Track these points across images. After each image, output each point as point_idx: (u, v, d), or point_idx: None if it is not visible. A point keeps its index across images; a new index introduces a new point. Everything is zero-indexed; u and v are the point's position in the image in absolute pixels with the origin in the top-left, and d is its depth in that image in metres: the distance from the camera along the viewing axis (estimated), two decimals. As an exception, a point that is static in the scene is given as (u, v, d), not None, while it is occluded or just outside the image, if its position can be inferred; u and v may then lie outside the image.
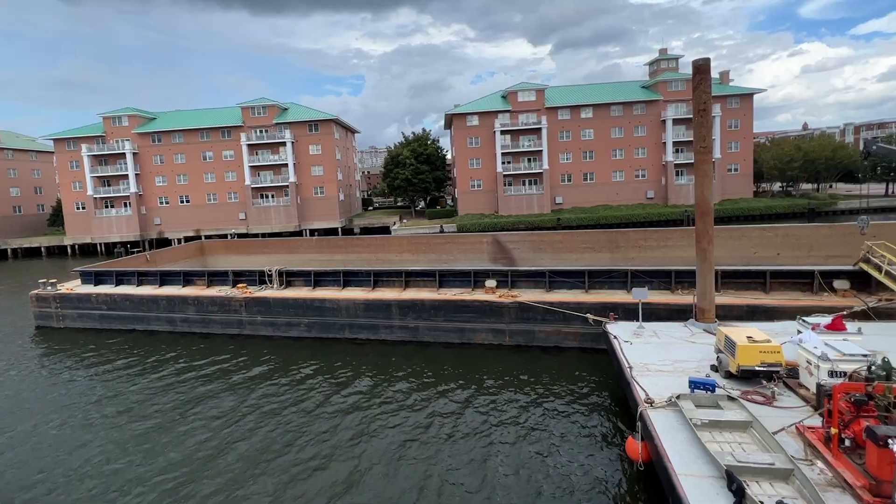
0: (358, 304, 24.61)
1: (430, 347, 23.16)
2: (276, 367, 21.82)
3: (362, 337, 24.67)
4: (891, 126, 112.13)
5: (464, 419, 16.19)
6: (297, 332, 25.72)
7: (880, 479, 8.42)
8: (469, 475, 13.16)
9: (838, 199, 70.64)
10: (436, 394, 18.24)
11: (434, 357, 22.00)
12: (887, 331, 16.01)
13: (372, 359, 22.13)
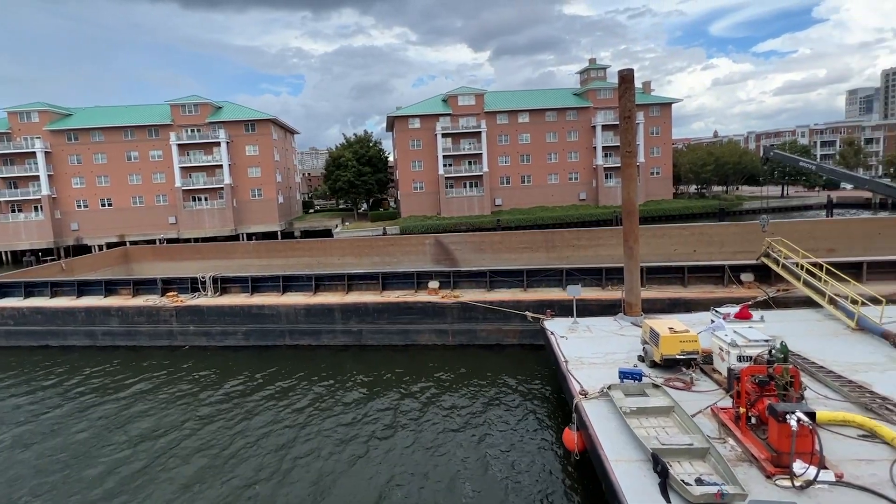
0: (299, 309, 23.89)
1: (375, 350, 22.93)
2: (211, 379, 20.70)
3: (304, 343, 23.96)
4: (785, 135, 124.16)
5: (409, 419, 16.19)
6: (234, 340, 24.55)
7: (780, 451, 9.29)
8: (417, 472, 13.21)
9: (743, 200, 77.28)
10: (381, 396, 18.10)
11: (378, 360, 21.79)
12: (785, 317, 17.76)
13: (315, 365, 21.55)
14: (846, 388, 12.12)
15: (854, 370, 13.15)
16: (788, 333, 15.15)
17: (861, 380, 12.55)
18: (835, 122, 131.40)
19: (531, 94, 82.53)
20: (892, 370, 13.18)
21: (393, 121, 75.00)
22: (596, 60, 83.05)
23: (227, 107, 73.43)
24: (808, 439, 9.03)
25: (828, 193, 76.44)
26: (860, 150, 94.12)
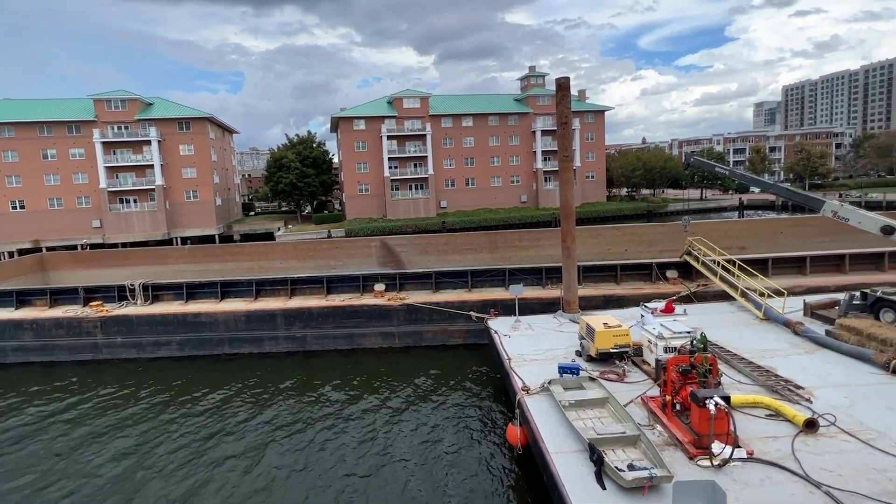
0: (238, 316, 22.85)
1: (319, 356, 22.35)
2: (141, 394, 19.30)
3: (244, 351, 22.92)
4: (703, 142, 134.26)
5: (355, 423, 15.94)
6: (168, 351, 23.06)
7: (701, 434, 10.03)
8: (363, 474, 13.04)
9: (668, 202, 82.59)
10: (326, 402, 17.70)
11: (323, 365, 21.29)
12: (704, 310, 19.17)
13: (256, 373, 20.68)
14: (755, 372, 13.26)
15: (762, 356, 14.43)
16: (707, 325, 16.37)
17: (768, 365, 13.79)
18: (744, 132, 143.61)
19: (475, 98, 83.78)
20: (793, 355, 14.58)
21: (337, 122, 73.50)
22: (535, 68, 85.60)
23: (158, 103, 68.84)
24: (724, 422, 9.81)
25: (739, 196, 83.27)
26: (766, 157, 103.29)
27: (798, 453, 9.69)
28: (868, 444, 9.85)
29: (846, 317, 15.69)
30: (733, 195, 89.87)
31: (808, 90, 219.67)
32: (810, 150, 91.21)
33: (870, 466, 9.18)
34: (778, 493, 8.63)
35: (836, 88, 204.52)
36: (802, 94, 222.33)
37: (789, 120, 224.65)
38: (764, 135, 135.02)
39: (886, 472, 8.97)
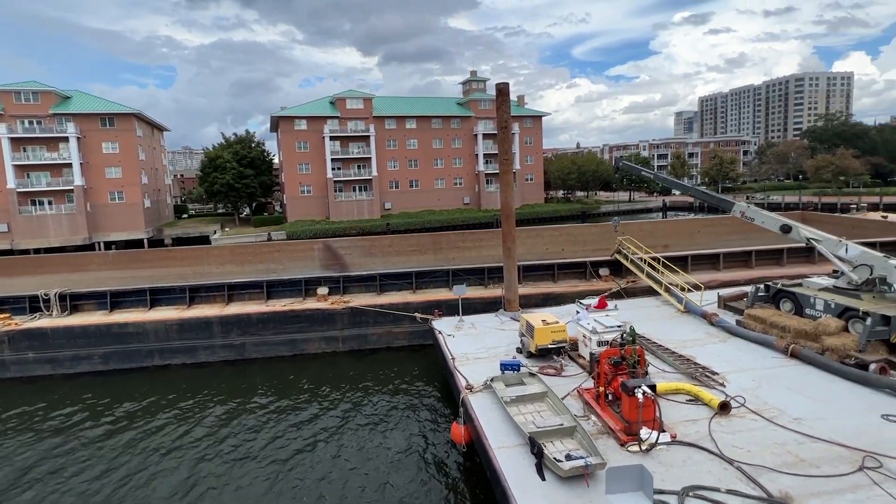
0: (170, 325, 21.42)
1: (259, 364, 21.42)
2: (53, 413, 17.54)
3: (177, 362, 21.49)
4: (631, 148, 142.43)
5: (298, 430, 15.44)
6: (89, 365, 21.14)
7: (631, 421, 10.60)
8: (308, 480, 12.64)
9: (601, 203, 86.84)
10: (267, 409, 17.00)
11: (263, 373, 20.43)
12: (633, 305, 20.33)
13: (190, 385, 19.46)
14: (677, 361, 14.23)
15: (683, 346, 15.50)
16: (636, 318, 17.34)
17: (688, 353, 14.83)
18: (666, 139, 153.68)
19: (418, 100, 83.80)
20: (709, 344, 15.78)
21: (278, 121, 70.83)
22: (477, 73, 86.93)
23: (77, 97, 63.08)
24: (651, 409, 10.44)
25: (663, 198, 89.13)
26: (685, 162, 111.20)
27: (714, 434, 10.49)
28: (771, 422, 10.85)
29: (753, 307, 17.19)
30: (657, 197, 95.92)
31: (720, 102, 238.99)
32: (722, 156, 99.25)
33: (773, 441, 10.11)
34: (698, 472, 9.30)
35: (743, 101, 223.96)
36: (715, 105, 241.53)
37: (705, 128, 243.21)
38: (683, 141, 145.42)
39: (786, 446, 9.93)
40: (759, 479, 8.89)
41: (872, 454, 9.38)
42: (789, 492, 8.48)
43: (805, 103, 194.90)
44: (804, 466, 9.21)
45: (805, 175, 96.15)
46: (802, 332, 14.59)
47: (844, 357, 13.29)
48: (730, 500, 8.42)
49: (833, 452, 9.59)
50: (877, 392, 11.85)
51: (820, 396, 11.83)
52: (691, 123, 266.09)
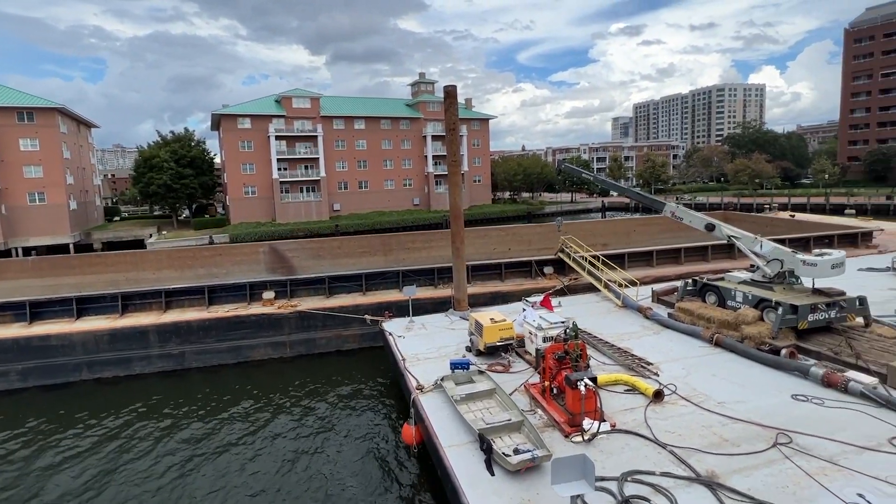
0: (100, 335, 19.82)
1: (201, 373, 20.29)
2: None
3: (108, 375, 19.89)
4: (572, 151, 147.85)
5: (245, 439, 14.77)
6: (6, 383, 19.13)
7: (574, 413, 10.98)
8: (258, 490, 12.10)
9: (545, 204, 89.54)
10: (210, 420, 16.13)
11: (205, 383, 19.36)
12: (576, 302, 21.09)
13: (122, 399, 18.09)
14: (616, 354, 14.91)
15: (621, 339, 16.26)
16: (578, 314, 18.00)
17: (625, 346, 15.58)
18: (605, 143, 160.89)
19: (367, 101, 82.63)
20: (644, 336, 16.64)
21: (219, 119, 67.39)
22: (425, 75, 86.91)
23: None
24: (592, 400, 10.86)
25: (602, 199, 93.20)
26: (621, 165, 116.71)
27: (649, 420, 11.08)
28: (699, 406, 11.61)
29: (682, 301, 18.34)
30: (597, 198, 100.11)
31: (652, 108, 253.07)
32: (654, 159, 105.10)
33: (700, 424, 10.82)
34: (635, 457, 9.78)
35: (672, 108, 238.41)
36: (648, 111, 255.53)
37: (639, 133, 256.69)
38: (620, 145, 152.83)
39: (711, 428, 10.66)
40: (688, 460, 9.48)
41: (784, 431, 10.26)
42: (714, 470, 9.11)
43: (725, 112, 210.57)
44: (727, 446, 9.92)
45: (726, 178, 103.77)
46: (725, 322, 15.71)
47: (760, 344, 14.45)
48: (663, 481, 8.92)
49: (751, 431, 10.40)
50: (787, 374, 12.97)
51: (739, 381, 12.80)
52: (627, 128, 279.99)
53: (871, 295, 16.43)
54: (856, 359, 13.07)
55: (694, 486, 8.78)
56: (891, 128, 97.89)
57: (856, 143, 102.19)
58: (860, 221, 39.30)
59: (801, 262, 15.73)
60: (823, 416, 10.85)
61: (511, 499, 8.86)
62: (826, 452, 9.50)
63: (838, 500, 8.17)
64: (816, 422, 10.59)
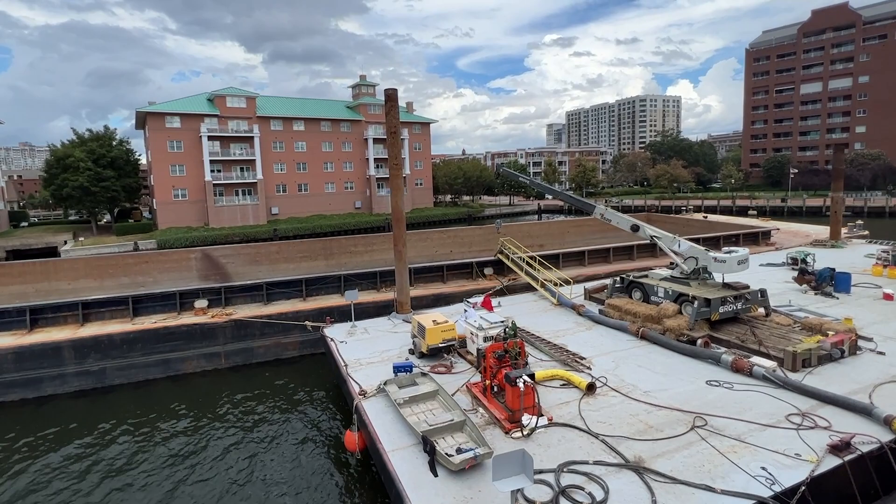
0: (4, 354, 17.67)
1: (125, 390, 18.61)
2: None
3: (13, 398, 17.75)
4: (510, 155, 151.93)
5: (178, 458, 13.73)
6: None
7: (513, 409, 11.22)
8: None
9: (485, 207, 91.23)
10: (139, 441, 14.86)
11: (130, 400, 17.81)
12: (515, 301, 21.62)
13: (30, 424, 16.18)
14: (552, 350, 15.43)
15: (556, 336, 16.85)
16: (516, 313, 18.46)
17: (561, 342, 16.16)
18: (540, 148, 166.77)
19: (306, 102, 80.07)
20: (578, 332, 17.36)
21: (145, 117, 62.32)
22: (366, 77, 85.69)
23: None
24: (531, 396, 11.14)
25: (538, 202, 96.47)
26: (556, 169, 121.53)
27: (583, 412, 11.55)
28: (627, 397, 12.27)
29: (611, 298, 19.33)
30: (534, 201, 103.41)
31: (583, 116, 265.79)
32: (585, 164, 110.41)
33: (628, 413, 11.44)
34: (571, 448, 10.14)
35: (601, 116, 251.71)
36: (579, 119, 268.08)
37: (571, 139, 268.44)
38: (554, 151, 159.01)
39: (638, 416, 11.30)
40: (618, 447, 9.97)
41: (700, 415, 11.08)
42: (641, 455, 9.65)
43: (647, 120, 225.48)
44: (652, 432, 10.55)
45: (649, 182, 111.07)
46: (649, 316, 16.75)
47: (679, 335, 15.54)
48: (596, 469, 9.32)
49: (673, 417, 11.14)
50: (702, 362, 14.04)
51: (662, 370, 13.68)
52: (560, 134, 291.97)
53: (770, 288, 18.22)
54: (758, 345, 14.40)
55: (623, 471, 9.25)
56: (784, 138, 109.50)
57: (756, 152, 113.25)
58: (761, 222, 43.53)
59: (713, 259, 17.11)
60: (733, 398, 11.84)
61: (454, 498, 8.87)
62: (735, 431, 10.36)
63: (746, 474, 8.94)
64: (727, 404, 11.53)
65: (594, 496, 8.56)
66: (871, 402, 10.90)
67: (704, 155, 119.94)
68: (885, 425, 10.02)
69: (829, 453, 9.32)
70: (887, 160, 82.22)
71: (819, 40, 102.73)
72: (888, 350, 14.13)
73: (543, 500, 8.60)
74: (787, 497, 8.36)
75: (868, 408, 10.58)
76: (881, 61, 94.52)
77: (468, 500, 8.80)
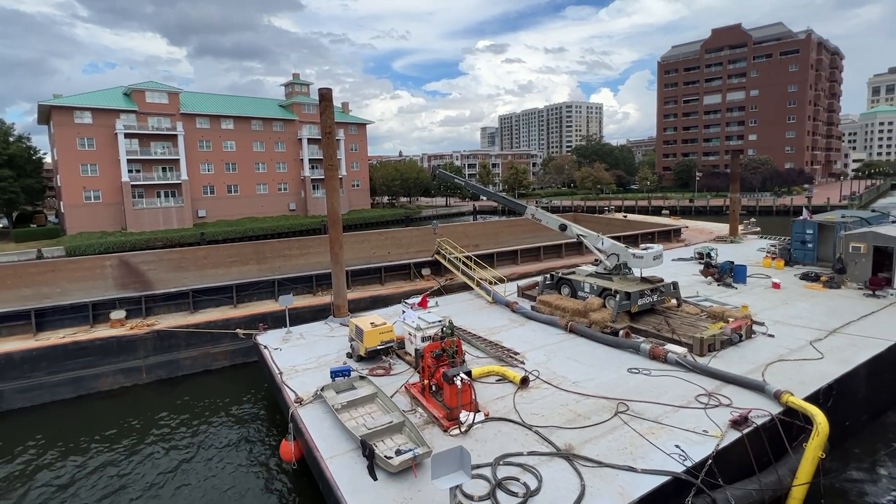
0: None
1: (27, 414, 16.54)
2: None
3: None
4: (446, 157, 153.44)
5: (98, 484, 12.37)
6: None
7: (451, 407, 11.28)
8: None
9: (422, 208, 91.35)
10: (45, 470, 13.21)
11: (34, 425, 15.84)
12: (451, 300, 21.80)
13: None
14: (488, 347, 15.71)
15: (492, 333, 17.19)
16: (454, 312, 18.62)
17: (496, 339, 16.50)
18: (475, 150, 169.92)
19: (236, 100, 75.67)
20: (512, 328, 17.81)
21: (49, 111, 55.66)
22: (300, 76, 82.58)
23: None
24: (468, 393, 11.25)
25: (473, 203, 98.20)
26: (489, 171, 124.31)
27: (518, 406, 11.86)
28: (558, 388, 12.76)
29: (542, 294, 20.06)
30: (469, 202, 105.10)
31: (514, 120, 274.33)
32: (517, 167, 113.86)
33: (559, 404, 11.90)
34: (506, 441, 10.37)
35: (531, 120, 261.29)
36: (511, 123, 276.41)
37: (504, 142, 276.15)
38: (488, 153, 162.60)
39: (569, 406, 11.79)
40: (550, 437, 10.34)
41: (623, 401, 11.78)
42: (571, 443, 10.08)
43: (573, 126, 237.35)
44: (580, 420, 11.06)
45: (575, 183, 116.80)
46: (576, 310, 17.56)
47: (604, 327, 16.44)
48: (530, 460, 9.60)
49: (599, 405, 11.74)
50: (625, 352, 14.94)
51: (588, 361, 14.39)
52: (494, 138, 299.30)
53: (680, 280, 19.79)
54: (672, 334, 15.59)
55: (555, 460, 9.60)
56: (691, 144, 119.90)
57: (668, 156, 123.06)
58: (672, 220, 47.30)
59: (632, 255, 18.28)
60: (651, 383, 12.71)
61: (394, 500, 8.76)
62: (653, 414, 11.13)
63: (662, 452, 9.62)
64: (646, 389, 12.36)
65: (528, 486, 8.80)
66: (764, 380, 12.15)
67: (624, 159, 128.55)
68: (775, 399, 11.21)
69: (730, 428, 10.27)
70: (773, 165, 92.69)
71: (718, 56, 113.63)
72: (777, 333, 15.85)
73: (481, 494, 8.71)
74: (696, 470, 9.10)
75: (761, 385, 11.79)
76: (767, 77, 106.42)
77: (408, 501, 8.72)
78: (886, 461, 12.37)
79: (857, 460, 12.23)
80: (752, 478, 9.83)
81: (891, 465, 12.29)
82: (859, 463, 12.13)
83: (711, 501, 8.96)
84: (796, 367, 13.27)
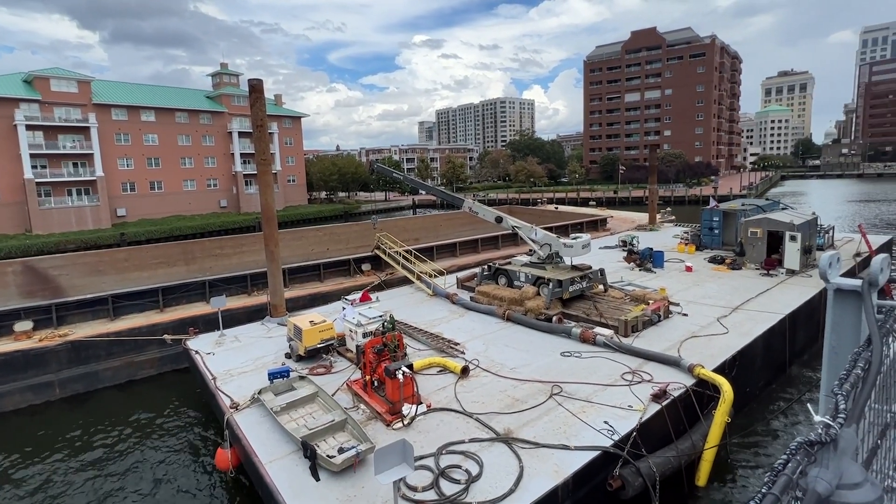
0: None
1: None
2: None
3: None
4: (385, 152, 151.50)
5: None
6: None
7: (394, 401, 11.20)
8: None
9: (361, 204, 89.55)
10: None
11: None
12: (392, 295, 21.61)
13: None
14: (429, 339, 15.76)
15: (432, 325, 17.26)
16: (394, 307, 18.47)
17: (437, 331, 16.59)
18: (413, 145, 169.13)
19: (157, 90, 69.45)
20: (452, 320, 17.99)
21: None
22: (229, 65, 77.52)
23: None
24: (410, 386, 11.23)
25: (412, 198, 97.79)
26: (428, 165, 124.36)
27: (459, 395, 12.01)
28: (497, 375, 13.08)
29: (480, 285, 20.42)
30: (408, 197, 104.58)
31: (451, 115, 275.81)
32: (455, 161, 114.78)
33: (498, 390, 12.21)
34: (449, 431, 10.47)
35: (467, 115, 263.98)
36: (448, 117, 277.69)
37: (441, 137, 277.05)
38: (426, 148, 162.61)
39: (507, 392, 12.13)
40: (490, 423, 10.58)
41: (556, 383, 12.30)
42: (510, 427, 10.37)
43: (507, 121, 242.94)
44: (518, 405, 11.41)
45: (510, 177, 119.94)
46: (513, 299, 18.07)
47: (538, 314, 17.06)
48: (472, 447, 9.76)
49: (535, 388, 12.18)
50: (558, 337, 15.59)
51: (524, 347, 14.87)
52: (431, 132, 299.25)
53: (607, 267, 20.96)
54: (599, 317, 16.50)
55: (495, 444, 9.84)
56: (615, 139, 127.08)
57: (595, 150, 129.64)
58: (599, 211, 50.00)
59: (563, 244, 19.08)
60: (582, 365, 13.38)
61: (337, 499, 8.56)
62: (584, 394, 11.73)
63: (593, 429, 10.17)
64: (578, 371, 12.99)
65: (470, 472, 8.95)
66: (680, 356, 13.21)
67: (554, 153, 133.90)
68: (689, 372, 12.23)
69: (651, 402, 11.07)
70: (686, 158, 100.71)
71: (637, 57, 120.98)
72: (690, 312, 17.27)
73: (425, 484, 8.74)
74: (623, 444, 9.72)
75: (677, 360, 12.80)
76: (679, 78, 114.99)
77: (352, 499, 8.56)
78: (780, 417, 13.97)
79: (757, 420, 13.68)
80: (670, 445, 10.67)
81: (783, 419, 13.91)
82: (758, 423, 13.58)
83: (636, 470, 9.62)
84: (706, 342, 14.55)
